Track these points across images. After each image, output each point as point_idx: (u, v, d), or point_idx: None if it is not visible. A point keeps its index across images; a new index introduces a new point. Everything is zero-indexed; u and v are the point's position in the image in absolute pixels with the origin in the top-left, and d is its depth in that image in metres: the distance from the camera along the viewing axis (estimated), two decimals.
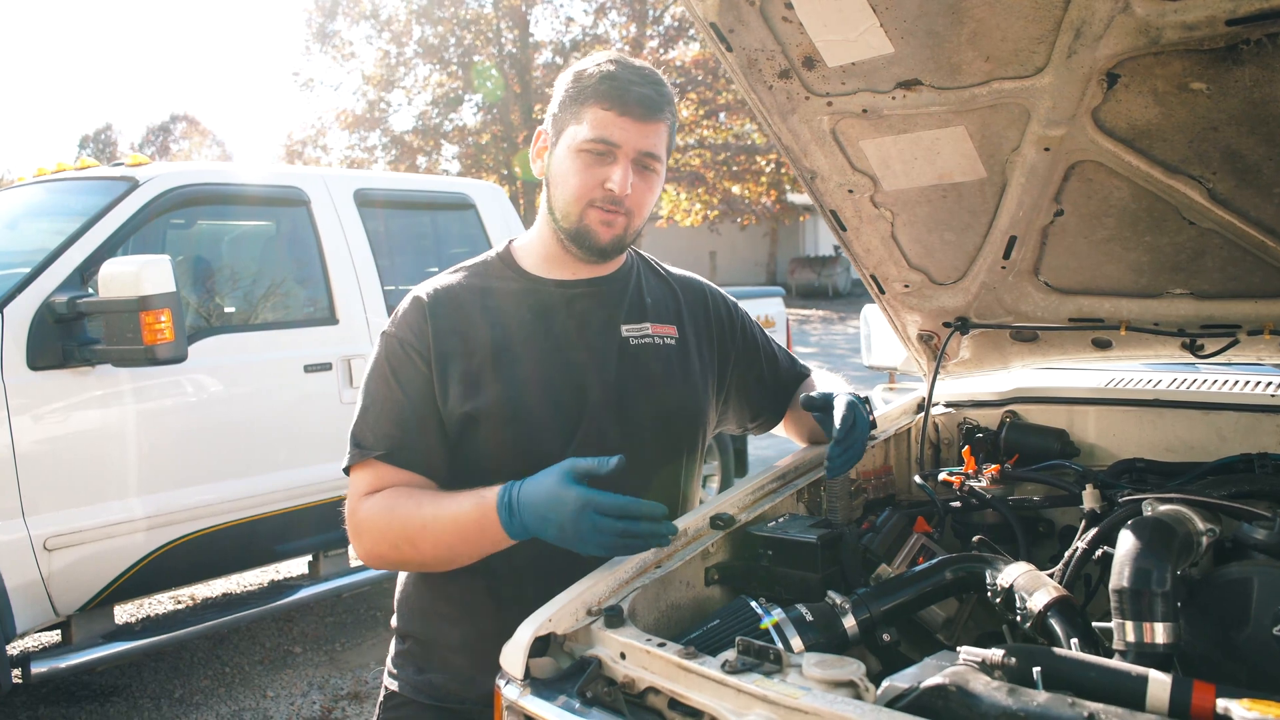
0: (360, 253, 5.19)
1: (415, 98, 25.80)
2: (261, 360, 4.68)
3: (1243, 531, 1.54)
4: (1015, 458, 2.16)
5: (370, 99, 25.16)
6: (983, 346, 2.32)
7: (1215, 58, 1.55)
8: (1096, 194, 1.86)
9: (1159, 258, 1.93)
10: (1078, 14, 1.55)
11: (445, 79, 25.03)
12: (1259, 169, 1.69)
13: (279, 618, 5.62)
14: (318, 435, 4.83)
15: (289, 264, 5.21)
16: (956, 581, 1.71)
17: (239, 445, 4.53)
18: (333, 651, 5.27)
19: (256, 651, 5.27)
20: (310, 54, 25.95)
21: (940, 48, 1.69)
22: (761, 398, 2.13)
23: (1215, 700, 1.22)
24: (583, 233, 1.76)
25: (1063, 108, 1.71)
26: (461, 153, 25.04)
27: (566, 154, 1.74)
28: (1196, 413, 2.10)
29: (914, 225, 2.08)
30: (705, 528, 1.82)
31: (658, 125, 1.72)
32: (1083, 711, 1.16)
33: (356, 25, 25.23)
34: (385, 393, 1.76)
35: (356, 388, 4.82)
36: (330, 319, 5.01)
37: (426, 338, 1.76)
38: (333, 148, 26.17)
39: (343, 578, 5.04)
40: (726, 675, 1.31)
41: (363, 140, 25.44)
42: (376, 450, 1.73)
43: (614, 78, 1.70)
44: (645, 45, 24.93)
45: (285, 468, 4.69)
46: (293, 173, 5.33)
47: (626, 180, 1.70)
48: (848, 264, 34.19)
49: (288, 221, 5.14)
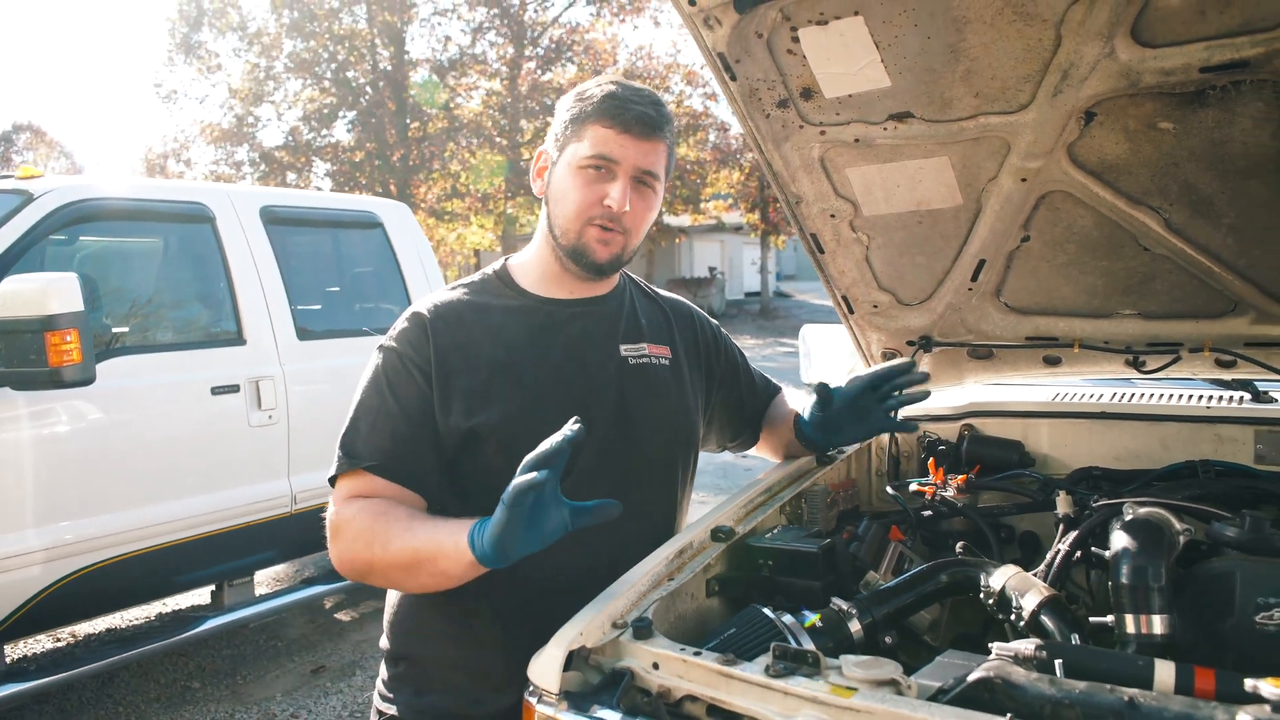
0: (268, 271, 5.04)
1: (286, 113, 25.12)
2: (166, 382, 4.49)
3: (1214, 530, 1.69)
4: (977, 468, 2.30)
5: (238, 113, 24.33)
6: (941, 364, 2.45)
7: (1184, 100, 1.71)
8: (1062, 221, 2.02)
9: (1112, 281, 2.10)
10: (1066, 57, 1.69)
11: (318, 94, 24.43)
12: (1212, 201, 1.86)
13: (173, 652, 5.36)
14: (226, 459, 4.68)
15: (192, 282, 5.02)
16: (951, 585, 1.81)
17: (142, 471, 4.33)
18: (235, 685, 5.05)
19: (151, 689, 5.00)
20: (174, 65, 24.85)
21: (935, 83, 1.80)
22: (741, 418, 2.19)
23: (1215, 683, 1.34)
24: (581, 250, 1.78)
25: (1042, 142, 1.85)
26: (335, 169, 24.44)
27: (567, 171, 1.76)
28: (1141, 424, 2.28)
29: (888, 249, 2.20)
30: (707, 540, 1.87)
31: (657, 144, 1.75)
32: (1122, 696, 1.26)
33: (223, 36, 24.42)
34: (380, 405, 1.75)
35: (265, 410, 4.81)
36: (238, 339, 4.85)
37: (428, 353, 1.76)
38: (197, 162, 25.20)
39: (249, 608, 4.86)
40: (772, 679, 1.35)
41: (229, 155, 24.57)
42: (368, 461, 1.71)
43: (615, 96, 1.73)
44: (523, 66, 24.96)
45: (191, 494, 4.51)
46: (197, 188, 5.13)
47: (625, 197, 1.72)
48: (723, 284, 34.89)
49: (191, 239, 4.95)
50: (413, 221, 6.15)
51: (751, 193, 30.74)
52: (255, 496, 4.81)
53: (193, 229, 4.89)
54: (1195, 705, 1.21)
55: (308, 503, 5.04)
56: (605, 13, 25.81)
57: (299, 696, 4.83)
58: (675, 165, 1.91)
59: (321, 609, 6.00)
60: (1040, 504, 2.10)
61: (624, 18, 25.98)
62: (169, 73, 28.31)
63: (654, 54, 27.92)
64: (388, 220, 5.90)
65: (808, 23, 1.75)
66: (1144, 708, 1.23)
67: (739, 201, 31.39)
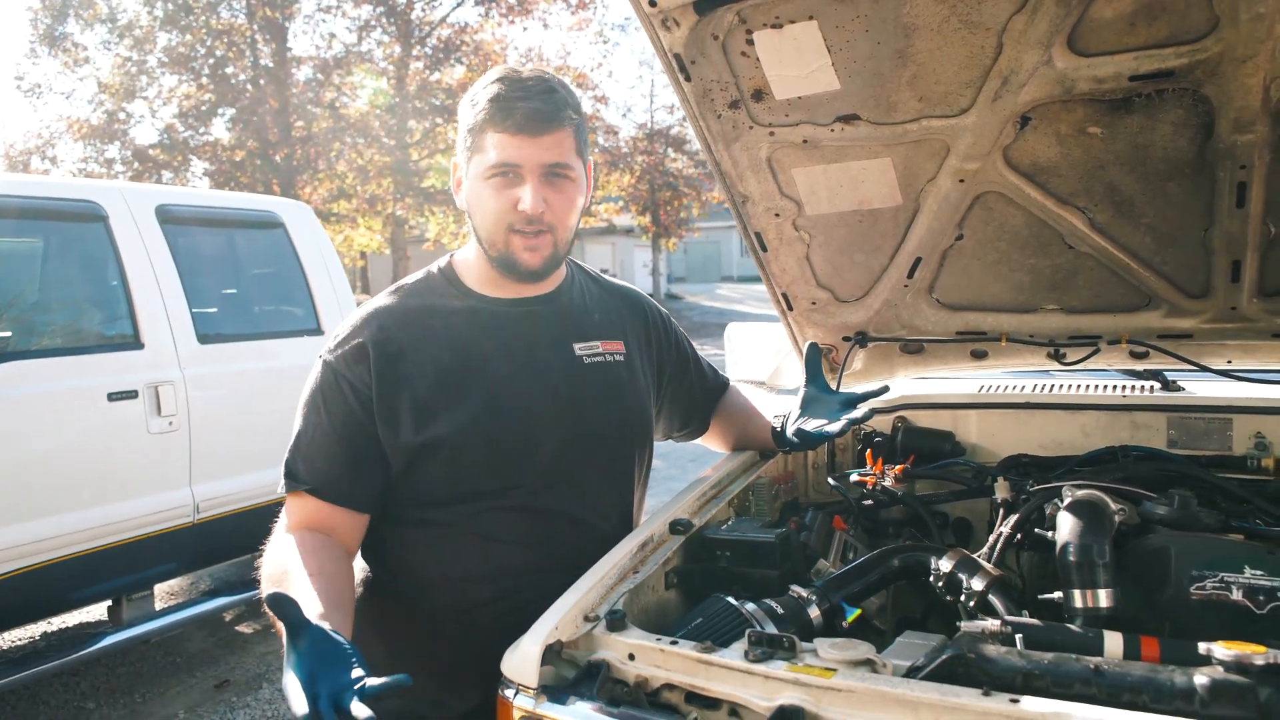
0: (165, 272, 4.85)
1: (160, 109, 24.08)
2: (58, 389, 4.28)
3: (1146, 509, 1.81)
4: (912, 458, 2.39)
5: (109, 109, 23.20)
6: (874, 359, 2.54)
7: (1112, 106, 1.83)
8: (994, 220, 2.12)
9: (1039, 277, 2.22)
10: (1007, 64, 1.78)
11: (194, 90, 23.49)
12: (1132, 201, 1.99)
13: (64, 672, 5.09)
14: (124, 468, 4.49)
15: (84, 284, 4.79)
16: (902, 569, 1.88)
17: (33, 483, 4.13)
18: (133, 704, 4.84)
19: (41, 712, 4.75)
20: (37, 58, 23.53)
21: (882, 87, 1.88)
22: (690, 408, 2.22)
23: (1160, 650, 1.45)
24: (509, 259, 1.75)
25: (980, 145, 1.94)
26: (214, 169, 23.53)
27: (477, 183, 1.72)
28: (1063, 413, 2.42)
29: (828, 247, 2.27)
30: (667, 534, 1.89)
31: (556, 134, 1.68)
32: (1088, 665, 1.34)
33: (91, 28, 23.25)
34: (316, 423, 1.73)
35: (165, 416, 4.63)
36: (135, 343, 4.65)
37: (365, 372, 1.72)
38: (64, 159, 23.91)
39: (150, 622, 4.68)
40: (752, 664, 1.39)
41: (100, 153, 23.39)
42: (306, 484, 1.71)
43: (501, 98, 1.67)
44: (410, 65, 24.53)
45: (87, 505, 4.32)
46: (87, 186, 4.89)
47: (537, 198, 1.68)
48: None
49: (81, 238, 4.72)
50: (315, 222, 6.00)
51: (643, 195, 30.96)
52: (155, 506, 4.63)
53: (84, 228, 4.67)
54: (1155, 669, 1.30)
55: (210, 512, 4.87)
56: (494, 13, 25.60)
57: (203, 712, 4.66)
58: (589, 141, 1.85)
59: (222, 622, 5.80)
60: (975, 491, 2.20)
61: (513, 19, 25.81)
62: (32, 65, 26.80)
63: (544, 56, 27.68)
64: (289, 220, 5.74)
65: (763, 26, 1.80)
66: (1109, 674, 1.32)
67: (630, 204, 31.58)
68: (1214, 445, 2.30)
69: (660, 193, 31.12)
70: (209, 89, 23.42)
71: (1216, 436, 2.30)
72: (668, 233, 31.87)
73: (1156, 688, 1.27)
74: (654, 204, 30.93)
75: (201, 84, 23.46)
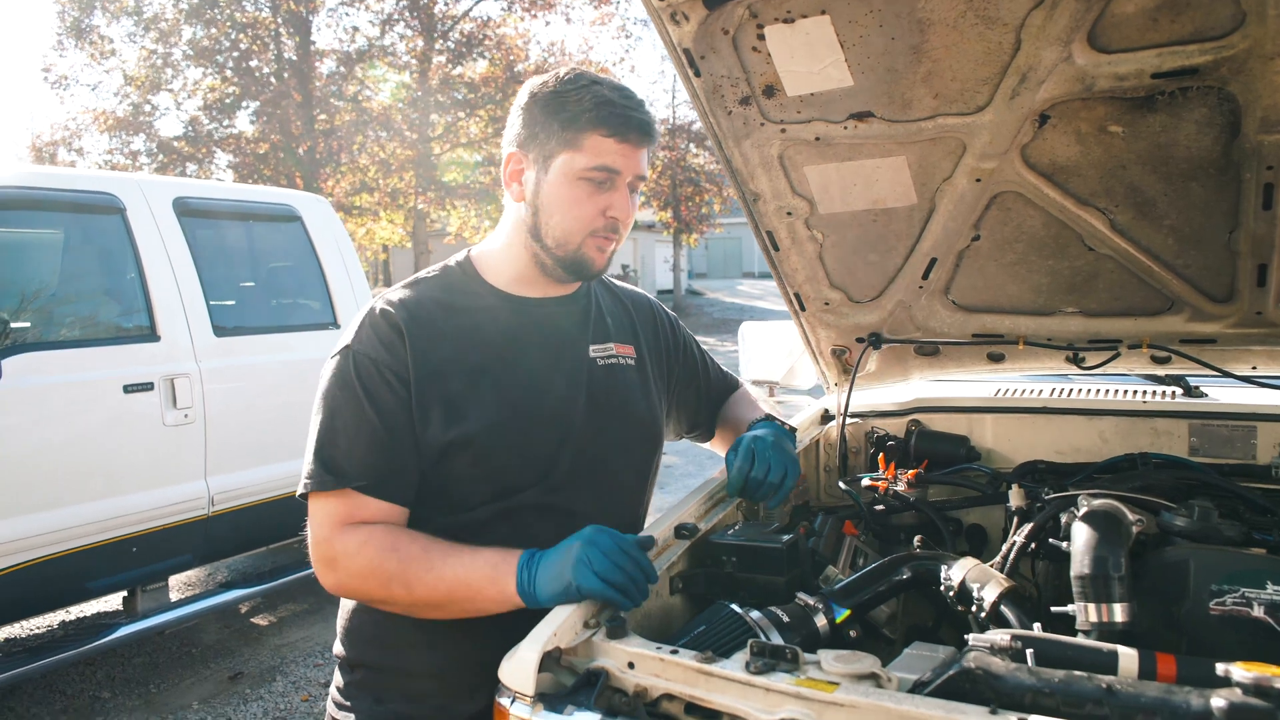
0: (182, 265, 4.87)
1: (185, 102, 24.23)
2: (76, 380, 4.30)
3: (1164, 520, 1.76)
4: (925, 463, 2.34)
5: (135, 101, 23.36)
6: (888, 360, 2.50)
7: (1134, 105, 1.77)
8: (1011, 221, 2.07)
9: (1057, 280, 2.16)
10: (1025, 61, 1.73)
11: (219, 83, 23.63)
12: (1155, 203, 1.93)
13: (81, 662, 5.13)
14: (139, 460, 4.52)
15: (102, 276, 4.81)
16: (913, 578, 1.84)
17: (50, 473, 4.16)
18: (148, 695, 4.86)
19: (56, 701, 4.78)
20: (64, 50, 23.70)
21: (896, 84, 1.83)
22: (699, 411, 2.19)
23: (1177, 668, 1.39)
24: (580, 260, 1.74)
25: (998, 143, 1.89)
26: (239, 161, 23.67)
27: (563, 182, 1.69)
28: (1081, 418, 2.36)
29: (841, 247, 2.22)
30: (672, 538, 1.86)
31: (648, 149, 1.73)
32: (1100, 684, 1.30)
33: (117, 21, 23.42)
34: (359, 415, 1.65)
35: (181, 409, 4.64)
36: (151, 335, 4.67)
37: (405, 358, 1.67)
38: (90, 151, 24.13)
39: (164, 614, 4.71)
40: (753, 676, 1.35)
41: (125, 145, 23.57)
42: (358, 481, 1.63)
43: (612, 104, 1.66)
44: (433, 59, 24.58)
45: (102, 496, 4.35)
46: (105, 178, 4.90)
47: (629, 207, 1.71)
48: (636, 282, 34.93)
49: (100, 230, 4.74)
50: (333, 215, 6.01)
51: (664, 191, 30.89)
52: (171, 498, 4.65)
53: (102, 220, 4.69)
54: (1170, 690, 1.25)
55: (226, 504, 4.89)
56: (517, 8, 25.59)
57: (217, 704, 4.68)
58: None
59: (237, 614, 5.82)
60: (990, 497, 2.15)
61: (535, 13, 25.79)
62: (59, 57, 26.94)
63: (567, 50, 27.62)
64: (306, 214, 5.75)
65: (774, 20, 1.76)
66: (1121, 694, 1.27)
67: (652, 200, 31.53)
68: (1237, 454, 2.24)
69: (682, 188, 31.05)
70: (233, 82, 23.58)
71: (1240, 445, 2.24)
72: (689, 228, 31.78)
73: (1171, 710, 1.22)
74: (675, 199, 30.84)
75: (226, 77, 23.62)
